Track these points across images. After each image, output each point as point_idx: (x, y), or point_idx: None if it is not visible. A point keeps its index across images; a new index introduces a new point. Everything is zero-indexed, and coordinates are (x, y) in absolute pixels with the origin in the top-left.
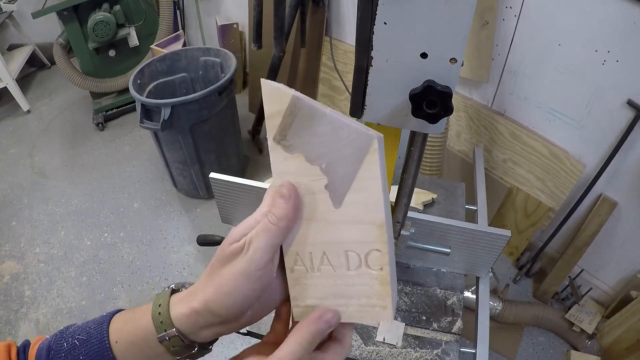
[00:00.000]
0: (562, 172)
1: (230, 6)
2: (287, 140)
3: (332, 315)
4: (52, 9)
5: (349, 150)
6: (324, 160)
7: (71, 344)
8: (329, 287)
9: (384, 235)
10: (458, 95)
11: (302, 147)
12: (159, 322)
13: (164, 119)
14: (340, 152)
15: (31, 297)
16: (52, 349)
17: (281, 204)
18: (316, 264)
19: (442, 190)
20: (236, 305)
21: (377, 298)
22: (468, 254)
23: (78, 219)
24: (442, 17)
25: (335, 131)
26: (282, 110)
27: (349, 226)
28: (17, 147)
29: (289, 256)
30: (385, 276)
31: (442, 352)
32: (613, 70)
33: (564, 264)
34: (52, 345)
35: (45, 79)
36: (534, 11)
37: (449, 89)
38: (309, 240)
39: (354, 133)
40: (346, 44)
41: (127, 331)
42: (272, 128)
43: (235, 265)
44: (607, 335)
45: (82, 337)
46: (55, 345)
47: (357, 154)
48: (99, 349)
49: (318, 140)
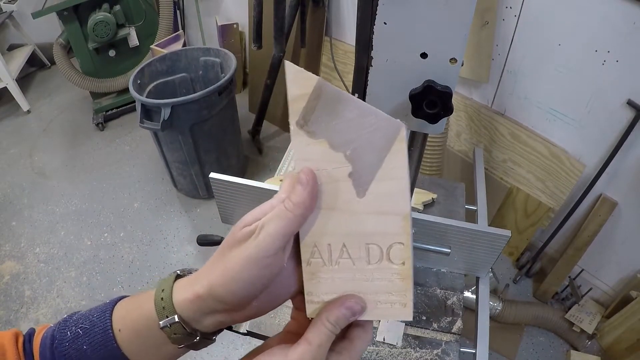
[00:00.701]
0: (562, 172)
1: (230, 6)
2: (310, 125)
3: (355, 302)
4: (52, 9)
5: (375, 137)
6: (348, 147)
7: (75, 332)
8: (346, 282)
9: (408, 227)
10: (458, 95)
11: (326, 133)
12: (161, 307)
13: (164, 119)
14: (366, 139)
15: (31, 297)
16: (56, 338)
17: (299, 190)
18: (335, 256)
19: (442, 190)
20: (241, 292)
21: (397, 294)
22: (468, 254)
23: (78, 219)
24: (442, 17)
25: (361, 118)
26: (307, 94)
27: (373, 217)
28: (17, 147)
29: (305, 247)
30: (407, 271)
31: (442, 352)
32: (613, 70)
33: (564, 264)
34: (56, 334)
35: (45, 79)
36: (534, 11)
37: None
38: (328, 230)
39: (381, 120)
40: (346, 44)
41: (130, 319)
42: (295, 112)
43: (244, 250)
44: (607, 335)
45: (86, 326)
46: (58, 334)
47: (384, 142)
48: (102, 338)
49: (343, 127)
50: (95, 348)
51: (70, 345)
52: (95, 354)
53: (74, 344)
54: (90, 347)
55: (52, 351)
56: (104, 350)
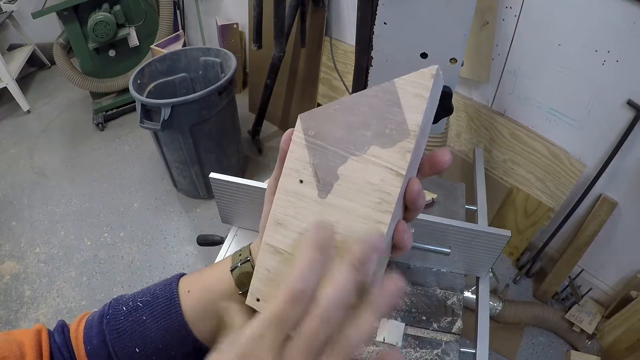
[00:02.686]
0: (562, 172)
1: (230, 6)
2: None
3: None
4: (52, 9)
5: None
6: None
7: (132, 307)
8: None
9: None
10: (458, 95)
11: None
12: (238, 255)
13: (164, 119)
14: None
15: (31, 297)
16: (107, 314)
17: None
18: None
19: (442, 190)
20: None
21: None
22: (468, 254)
23: (78, 219)
24: (442, 17)
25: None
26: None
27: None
28: (17, 147)
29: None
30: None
31: (442, 352)
32: (613, 70)
33: (564, 264)
34: (107, 312)
35: (45, 79)
36: (534, 11)
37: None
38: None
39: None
40: (346, 44)
41: (200, 277)
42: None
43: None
44: (607, 335)
45: (147, 299)
46: (111, 310)
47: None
48: (166, 306)
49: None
50: (156, 317)
51: (126, 318)
52: (155, 324)
53: (130, 317)
54: (151, 317)
55: (101, 328)
56: (166, 320)
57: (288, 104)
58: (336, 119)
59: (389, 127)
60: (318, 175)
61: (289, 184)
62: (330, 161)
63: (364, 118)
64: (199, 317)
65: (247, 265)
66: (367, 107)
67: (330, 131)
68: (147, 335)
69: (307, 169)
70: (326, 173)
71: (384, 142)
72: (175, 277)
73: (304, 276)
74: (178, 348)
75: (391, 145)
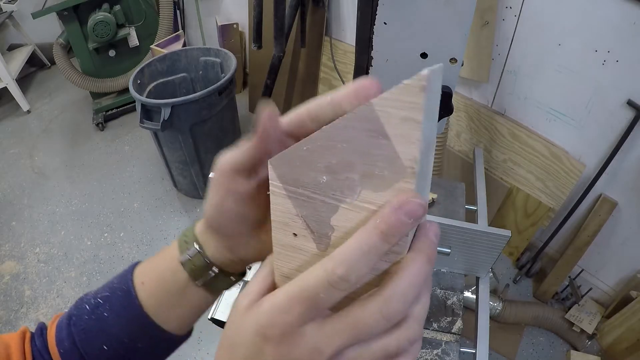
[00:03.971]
0: (562, 172)
1: (230, 6)
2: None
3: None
4: (52, 9)
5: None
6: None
7: (94, 304)
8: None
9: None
10: (458, 95)
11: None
12: (184, 242)
13: (164, 119)
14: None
15: (31, 297)
16: (73, 315)
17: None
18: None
19: (442, 190)
20: (216, 217)
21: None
22: (468, 254)
23: (78, 219)
24: (442, 17)
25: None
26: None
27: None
28: (17, 147)
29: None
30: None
31: (442, 352)
32: (613, 70)
33: (564, 264)
34: (73, 312)
35: (45, 79)
36: (534, 11)
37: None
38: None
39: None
40: (346, 44)
41: (153, 268)
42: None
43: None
44: (607, 335)
45: (106, 294)
46: (75, 311)
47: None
48: (124, 299)
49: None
50: (116, 312)
51: (90, 317)
52: (117, 320)
53: (93, 315)
54: (112, 313)
55: (69, 330)
56: (126, 313)
57: (288, 104)
58: (312, 162)
59: (377, 165)
60: (310, 227)
61: (283, 238)
62: (319, 212)
63: (343, 157)
64: (159, 308)
65: (198, 257)
66: (344, 142)
67: (310, 176)
68: (111, 332)
69: (297, 221)
70: (319, 225)
71: (376, 185)
72: (130, 267)
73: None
74: (144, 340)
75: (385, 188)
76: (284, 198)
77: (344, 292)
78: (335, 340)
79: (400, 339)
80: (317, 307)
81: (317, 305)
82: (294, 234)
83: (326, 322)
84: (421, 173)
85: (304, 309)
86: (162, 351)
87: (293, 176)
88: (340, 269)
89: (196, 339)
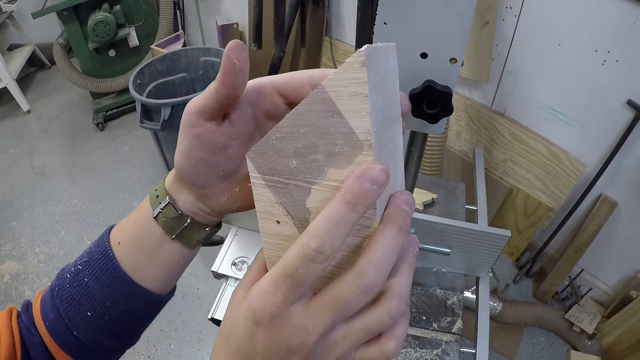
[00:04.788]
0: (562, 172)
1: (230, 6)
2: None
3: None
4: (52, 9)
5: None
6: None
7: (74, 272)
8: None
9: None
10: (458, 95)
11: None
12: (155, 197)
13: (164, 119)
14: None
15: (31, 297)
16: (56, 286)
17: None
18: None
19: (442, 190)
20: (185, 165)
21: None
22: (468, 254)
23: (78, 219)
24: (442, 17)
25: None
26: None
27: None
28: (17, 147)
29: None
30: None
31: (442, 352)
32: (613, 70)
33: (564, 264)
34: (55, 284)
35: (45, 79)
36: (534, 11)
37: (449, 89)
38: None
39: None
40: (346, 44)
41: (128, 227)
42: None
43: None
44: (607, 335)
45: (85, 259)
46: (58, 281)
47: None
48: (102, 262)
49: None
50: (96, 276)
51: (71, 285)
52: (98, 284)
53: (74, 282)
54: (92, 277)
55: (53, 301)
56: (105, 276)
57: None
58: (281, 149)
59: (337, 143)
60: (290, 213)
61: (268, 227)
62: (294, 197)
63: (307, 140)
64: (137, 267)
65: (170, 209)
66: (305, 126)
67: (282, 164)
68: (93, 297)
69: (277, 208)
70: (296, 209)
71: (340, 162)
72: (106, 230)
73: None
74: (127, 301)
75: (348, 164)
76: (263, 188)
77: (321, 266)
78: (320, 319)
79: (381, 314)
80: (300, 285)
81: (300, 283)
82: (277, 221)
83: (310, 302)
84: (379, 145)
85: (287, 288)
86: (146, 311)
87: (268, 165)
88: (313, 242)
89: (196, 339)
